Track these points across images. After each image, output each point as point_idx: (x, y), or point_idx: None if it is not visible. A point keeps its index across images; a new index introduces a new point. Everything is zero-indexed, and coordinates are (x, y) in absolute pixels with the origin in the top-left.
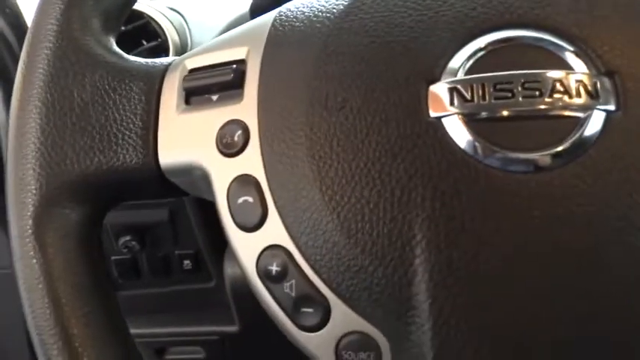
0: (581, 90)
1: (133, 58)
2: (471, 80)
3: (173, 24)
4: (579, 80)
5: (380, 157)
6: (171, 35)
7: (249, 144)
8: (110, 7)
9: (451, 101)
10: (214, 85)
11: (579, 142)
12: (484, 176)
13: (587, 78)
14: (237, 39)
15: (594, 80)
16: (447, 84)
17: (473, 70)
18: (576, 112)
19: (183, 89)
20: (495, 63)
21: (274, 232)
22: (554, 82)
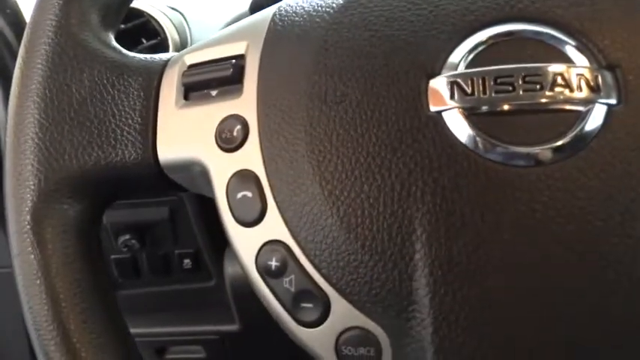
0: (582, 84)
1: (131, 53)
2: (472, 74)
3: (173, 22)
4: (580, 74)
5: (380, 151)
6: (171, 34)
7: (248, 139)
8: (109, 3)
9: (451, 95)
10: (213, 81)
11: (580, 136)
12: (484, 170)
13: (588, 72)
14: (236, 34)
15: (595, 74)
16: (448, 78)
17: (473, 64)
18: (577, 106)
19: (182, 85)
20: (496, 57)
21: (274, 227)
22: (555, 75)
